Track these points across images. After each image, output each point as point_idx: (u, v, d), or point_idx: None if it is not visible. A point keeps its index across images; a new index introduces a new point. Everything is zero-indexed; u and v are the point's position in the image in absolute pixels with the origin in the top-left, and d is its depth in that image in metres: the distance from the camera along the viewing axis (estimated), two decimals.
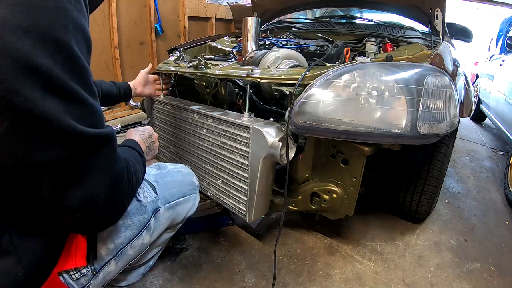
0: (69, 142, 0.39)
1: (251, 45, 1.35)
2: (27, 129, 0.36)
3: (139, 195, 0.73)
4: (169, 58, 1.60)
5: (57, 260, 0.56)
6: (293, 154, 0.99)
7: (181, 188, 0.87)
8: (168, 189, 0.82)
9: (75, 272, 0.59)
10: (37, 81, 0.35)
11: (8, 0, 0.34)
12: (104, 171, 0.45)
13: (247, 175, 1.02)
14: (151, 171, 0.84)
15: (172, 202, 0.83)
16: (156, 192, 0.78)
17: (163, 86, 1.42)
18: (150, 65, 1.38)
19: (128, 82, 1.25)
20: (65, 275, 0.58)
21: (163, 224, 0.81)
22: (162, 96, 1.44)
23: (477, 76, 3.69)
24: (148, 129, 0.88)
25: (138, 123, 2.90)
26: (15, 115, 0.35)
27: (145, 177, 0.78)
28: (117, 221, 0.54)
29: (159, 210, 0.78)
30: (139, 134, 0.82)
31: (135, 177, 0.56)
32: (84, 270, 0.60)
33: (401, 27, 1.74)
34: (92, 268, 0.62)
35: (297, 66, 1.20)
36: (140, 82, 1.29)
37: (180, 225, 0.91)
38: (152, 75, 1.38)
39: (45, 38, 0.36)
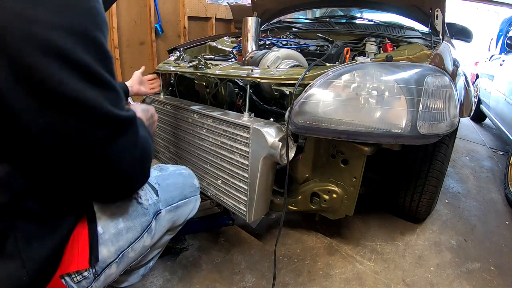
0: (109, 124, 0.47)
1: (251, 45, 1.35)
2: (77, 116, 0.42)
3: (140, 198, 0.73)
4: (169, 58, 1.60)
5: (59, 263, 0.56)
6: (293, 154, 0.99)
7: (182, 190, 0.87)
8: (169, 191, 0.82)
9: (77, 275, 0.59)
10: (80, 74, 0.41)
11: (49, 2, 0.39)
12: (135, 146, 0.53)
13: (247, 175, 1.02)
14: (153, 173, 0.84)
15: (173, 205, 0.82)
16: (157, 195, 0.78)
17: (159, 85, 1.42)
18: (143, 67, 1.39)
19: (125, 82, 1.26)
20: (67, 278, 0.58)
21: (164, 226, 0.81)
22: (162, 96, 1.44)
23: (477, 76, 3.69)
24: (151, 109, 0.93)
25: None
26: (66, 104, 0.41)
27: None
28: (144, 184, 0.62)
29: (160, 212, 0.78)
30: (143, 113, 0.86)
31: (149, 149, 0.63)
32: (85, 273, 0.60)
33: (401, 27, 1.74)
34: (94, 270, 0.62)
35: (297, 66, 1.20)
36: (135, 81, 1.30)
37: (181, 227, 0.91)
38: (150, 75, 1.38)
39: (83, 35, 0.42)
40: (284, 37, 1.81)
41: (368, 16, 2.08)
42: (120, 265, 0.68)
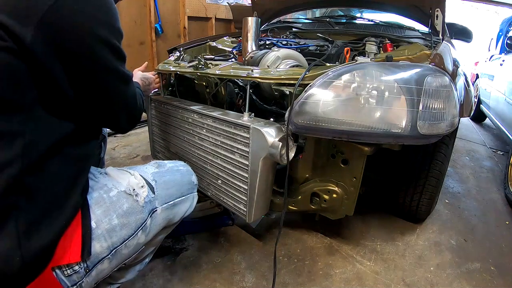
0: (129, 82, 0.70)
1: (251, 45, 1.35)
2: (115, 79, 0.65)
3: (136, 195, 0.73)
4: (169, 58, 1.60)
5: (53, 255, 0.56)
6: (293, 154, 0.99)
7: (180, 187, 0.87)
8: (166, 188, 0.82)
9: (67, 268, 0.59)
10: (114, 54, 0.61)
11: (98, 2, 0.56)
12: (137, 94, 0.76)
13: (247, 175, 1.02)
14: (150, 169, 0.84)
15: (170, 202, 0.82)
16: (154, 192, 0.78)
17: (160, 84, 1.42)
18: (146, 63, 1.39)
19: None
20: (57, 270, 0.58)
21: (160, 224, 0.80)
22: (162, 96, 1.44)
23: (477, 76, 3.69)
24: (150, 78, 1.27)
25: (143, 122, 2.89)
26: (110, 73, 0.62)
27: (143, 175, 0.79)
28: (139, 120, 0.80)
29: (156, 210, 0.78)
30: (141, 79, 1.20)
31: (142, 99, 0.86)
32: (76, 267, 0.60)
33: (401, 27, 1.74)
34: (85, 265, 0.62)
35: (297, 66, 1.20)
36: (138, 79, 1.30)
37: (176, 224, 0.91)
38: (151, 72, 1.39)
39: (114, 27, 0.60)
40: (284, 37, 1.81)
41: (368, 16, 2.08)
42: (112, 261, 0.68)
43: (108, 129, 1.16)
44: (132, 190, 0.73)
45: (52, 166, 0.56)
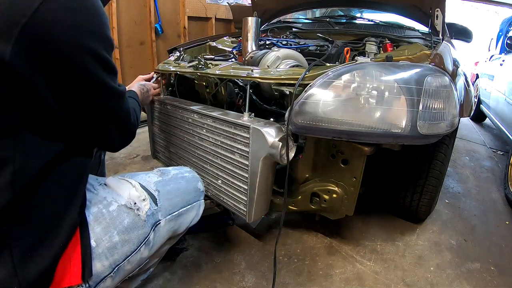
0: (121, 97, 0.63)
1: (251, 45, 1.35)
2: (105, 95, 0.58)
3: (138, 209, 0.70)
4: (169, 58, 1.60)
5: (52, 279, 0.54)
6: (293, 154, 0.99)
7: (185, 196, 0.82)
8: (170, 198, 0.78)
9: None
10: (101, 65, 0.55)
11: (83, 10, 0.50)
12: (131, 109, 0.69)
13: (247, 175, 1.02)
14: (153, 178, 0.80)
15: (174, 213, 0.78)
16: (156, 204, 0.74)
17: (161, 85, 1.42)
18: (152, 73, 1.39)
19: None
20: None
21: (164, 237, 0.77)
22: (162, 96, 1.44)
23: (477, 76, 3.69)
24: (148, 85, 1.21)
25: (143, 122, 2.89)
26: (99, 88, 0.56)
27: (145, 185, 0.76)
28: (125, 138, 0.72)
29: (160, 223, 0.74)
30: (139, 87, 1.12)
31: (136, 114, 0.81)
32: None
33: (401, 27, 1.74)
34: (87, 285, 0.60)
35: (297, 66, 1.20)
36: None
37: (182, 234, 0.87)
38: (147, 75, 1.39)
39: (102, 37, 0.54)
40: (284, 37, 1.81)
41: (368, 16, 2.08)
42: (115, 278, 0.66)
43: None
44: (133, 204, 0.70)
45: (45, 188, 0.54)
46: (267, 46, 1.54)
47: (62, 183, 0.57)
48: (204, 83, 1.35)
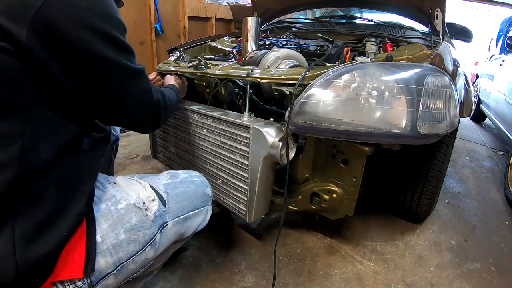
0: (138, 75, 0.65)
1: (251, 45, 1.35)
2: (118, 73, 0.60)
3: (146, 209, 0.70)
4: (169, 58, 1.60)
5: (53, 269, 0.54)
6: (293, 154, 0.99)
7: (193, 200, 0.82)
8: (178, 201, 0.78)
9: (69, 283, 0.56)
10: (115, 45, 0.58)
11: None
12: (145, 91, 0.69)
13: (247, 175, 1.02)
14: (162, 180, 0.80)
15: (182, 216, 0.78)
16: (165, 205, 0.74)
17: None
18: (154, 73, 1.39)
19: None
20: (59, 285, 0.55)
21: (170, 239, 0.76)
22: None
23: (477, 76, 3.69)
24: (179, 78, 1.26)
25: None
26: (111, 66, 0.59)
27: (155, 187, 0.75)
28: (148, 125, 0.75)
29: (167, 225, 0.74)
30: (176, 81, 1.19)
31: (167, 99, 0.82)
32: (79, 283, 0.57)
33: (401, 27, 1.74)
34: (89, 281, 0.59)
35: (297, 66, 1.20)
36: None
37: (188, 238, 0.86)
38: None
39: (113, 19, 0.58)
40: (284, 37, 1.81)
41: (368, 16, 2.08)
42: (118, 277, 0.65)
43: (118, 133, 1.16)
44: (142, 203, 0.70)
45: (56, 175, 0.54)
46: (267, 46, 1.54)
47: (73, 174, 0.58)
48: (204, 83, 1.35)
